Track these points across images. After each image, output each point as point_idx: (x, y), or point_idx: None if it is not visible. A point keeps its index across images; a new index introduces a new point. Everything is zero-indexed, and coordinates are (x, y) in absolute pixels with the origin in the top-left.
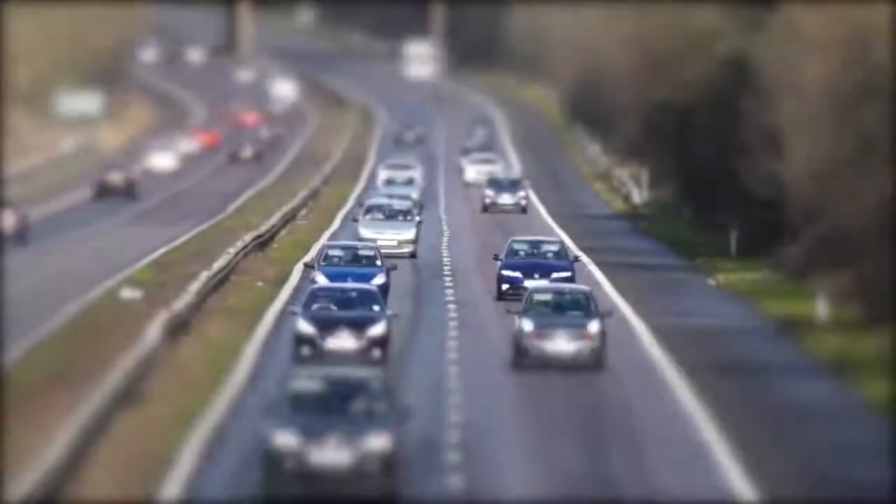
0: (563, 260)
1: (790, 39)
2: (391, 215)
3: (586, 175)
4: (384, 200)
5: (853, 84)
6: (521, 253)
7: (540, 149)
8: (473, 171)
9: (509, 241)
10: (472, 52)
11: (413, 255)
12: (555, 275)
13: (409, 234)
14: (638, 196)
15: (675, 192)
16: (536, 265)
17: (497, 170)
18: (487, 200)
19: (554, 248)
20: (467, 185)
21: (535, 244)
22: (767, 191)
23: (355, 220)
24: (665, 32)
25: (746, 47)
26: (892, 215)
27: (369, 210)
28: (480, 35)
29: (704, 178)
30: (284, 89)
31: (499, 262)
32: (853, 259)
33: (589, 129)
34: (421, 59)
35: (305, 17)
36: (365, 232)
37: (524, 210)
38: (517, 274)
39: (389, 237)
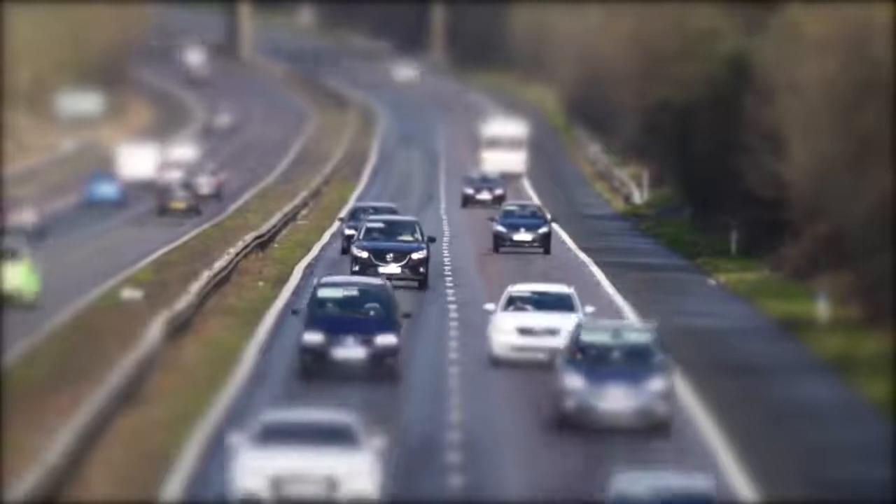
0: None
1: (790, 39)
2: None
3: (587, 175)
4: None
5: (853, 83)
6: None
7: (540, 149)
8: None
9: None
10: (472, 52)
11: None
12: None
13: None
14: (638, 196)
15: (675, 191)
16: None
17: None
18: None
19: None
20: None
21: None
22: (768, 190)
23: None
24: (665, 32)
25: (746, 47)
26: (892, 215)
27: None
28: (481, 35)
29: (705, 177)
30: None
31: None
32: (853, 259)
33: (589, 129)
34: (506, 144)
35: (306, 16)
36: None
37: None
38: None
39: None
